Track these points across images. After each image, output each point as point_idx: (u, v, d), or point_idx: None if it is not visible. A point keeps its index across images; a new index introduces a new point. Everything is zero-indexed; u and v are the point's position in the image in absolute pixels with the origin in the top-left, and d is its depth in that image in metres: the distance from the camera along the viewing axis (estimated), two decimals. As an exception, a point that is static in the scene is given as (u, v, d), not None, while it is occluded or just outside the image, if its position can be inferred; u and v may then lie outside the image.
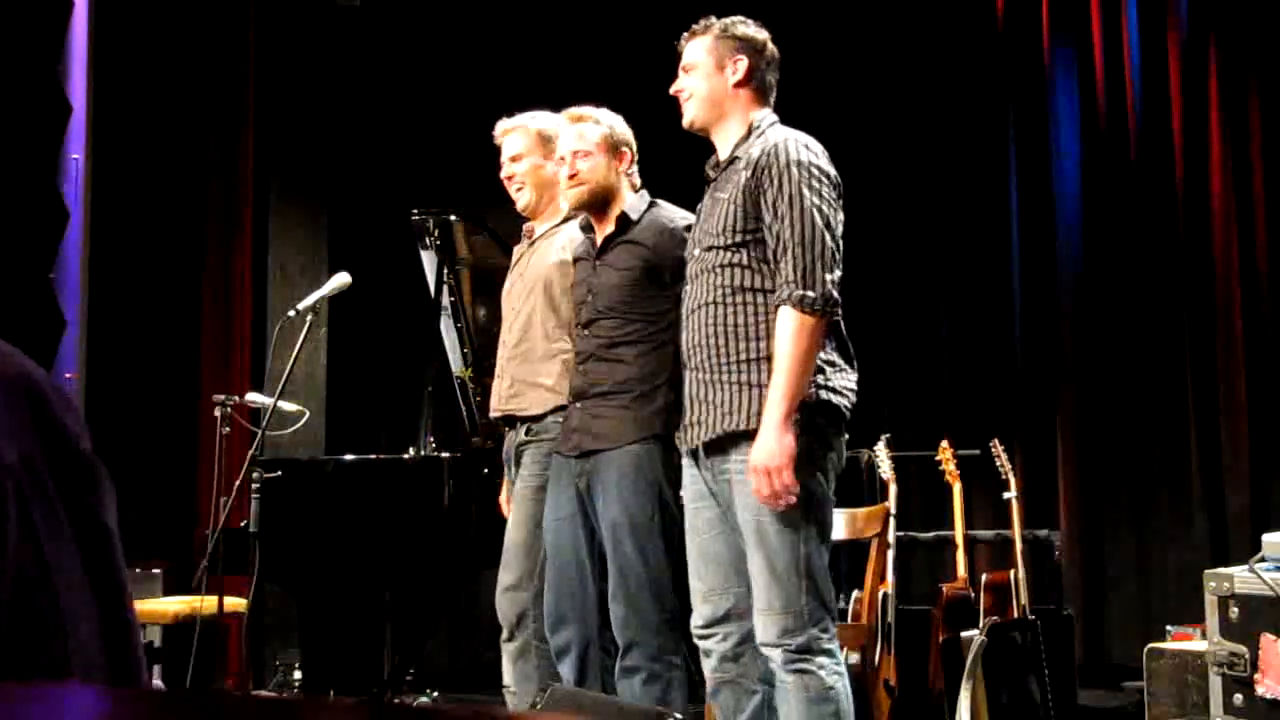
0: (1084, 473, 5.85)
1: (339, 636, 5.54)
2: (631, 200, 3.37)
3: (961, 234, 6.21)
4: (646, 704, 3.13)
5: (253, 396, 4.49)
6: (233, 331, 6.13)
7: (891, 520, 4.33)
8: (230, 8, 6.22)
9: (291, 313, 3.97)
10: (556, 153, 3.54)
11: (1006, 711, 4.09)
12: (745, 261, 2.80)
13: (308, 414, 4.56)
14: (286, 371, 3.91)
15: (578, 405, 3.31)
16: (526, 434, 3.51)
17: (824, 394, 2.75)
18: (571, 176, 3.38)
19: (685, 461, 2.97)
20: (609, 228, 3.36)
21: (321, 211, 6.61)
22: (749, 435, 2.73)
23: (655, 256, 3.26)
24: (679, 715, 3.11)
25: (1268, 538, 3.45)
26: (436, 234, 5.11)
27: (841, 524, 4.34)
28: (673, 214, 3.35)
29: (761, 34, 2.97)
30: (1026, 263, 6.11)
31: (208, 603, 4.21)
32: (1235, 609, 3.40)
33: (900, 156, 6.26)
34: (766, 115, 2.93)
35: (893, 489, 4.43)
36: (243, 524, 4.06)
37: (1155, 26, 5.85)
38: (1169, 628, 4.45)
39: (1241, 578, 3.41)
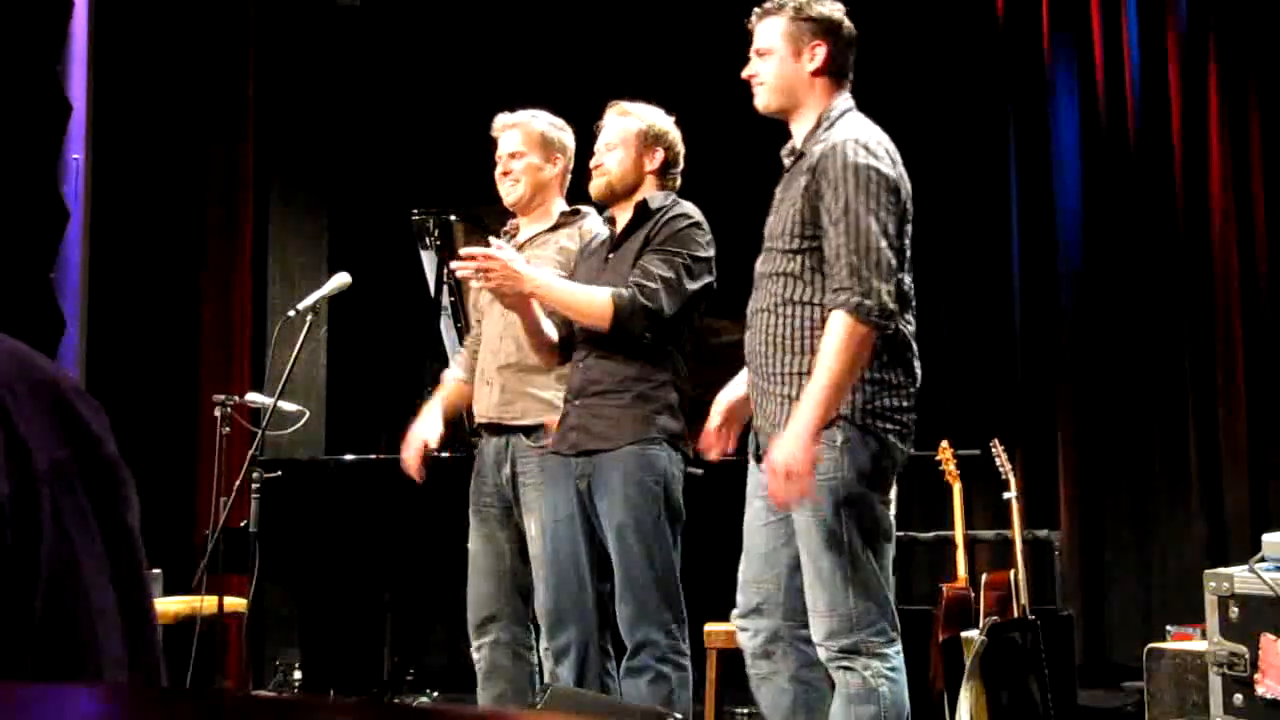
0: (1084, 473, 5.85)
1: (339, 636, 5.54)
2: (654, 194, 3.34)
3: (961, 234, 6.21)
4: (650, 703, 3.12)
5: (253, 396, 4.49)
6: (233, 331, 6.13)
7: (891, 520, 4.32)
8: (230, 8, 6.22)
9: (291, 313, 3.97)
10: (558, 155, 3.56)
11: (1006, 711, 4.08)
12: (798, 271, 2.73)
13: (308, 414, 4.56)
14: (286, 371, 3.91)
15: (576, 403, 3.26)
16: (531, 440, 3.48)
17: (867, 419, 2.70)
18: (596, 167, 3.37)
19: (751, 455, 2.91)
20: (627, 216, 3.34)
21: (321, 211, 6.61)
22: None
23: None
24: (679, 715, 3.12)
25: (1268, 538, 3.45)
26: (436, 234, 5.11)
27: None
28: (690, 211, 3.31)
29: (838, 12, 2.84)
30: (1026, 263, 6.11)
31: (208, 603, 4.20)
32: (1235, 609, 3.40)
33: (900, 156, 6.26)
34: (839, 104, 2.83)
35: (893, 489, 4.42)
36: (243, 524, 4.06)
37: (1155, 26, 5.85)
38: (1169, 628, 4.45)
39: (1241, 578, 3.41)
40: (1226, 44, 5.68)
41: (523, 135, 3.59)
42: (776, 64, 2.81)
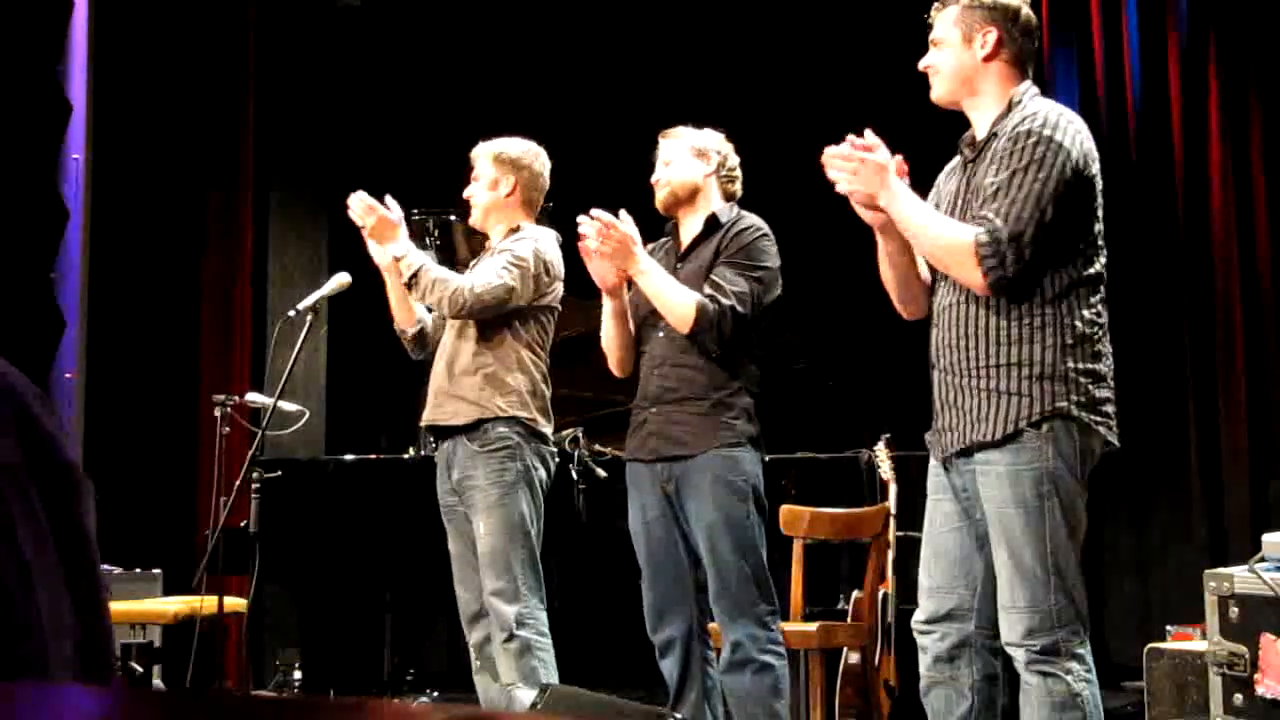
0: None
1: (339, 636, 5.54)
2: (722, 206, 3.46)
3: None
4: (758, 695, 3.22)
5: (253, 396, 4.49)
6: (233, 331, 6.13)
7: (891, 520, 4.33)
8: (230, 8, 6.22)
9: (291, 313, 3.98)
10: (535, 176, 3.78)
11: (1007, 711, 4.08)
12: None
13: (308, 414, 4.56)
14: (286, 371, 3.91)
15: (652, 410, 3.37)
16: (479, 446, 3.59)
17: (1076, 410, 2.65)
18: (656, 182, 3.49)
19: (932, 457, 2.86)
20: (696, 229, 3.45)
21: (321, 211, 6.61)
22: (997, 444, 2.63)
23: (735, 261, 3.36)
24: (679, 715, 3.13)
25: (1268, 538, 3.45)
26: (436, 234, 5.11)
27: (841, 524, 4.34)
28: (757, 222, 3.43)
29: (1014, 1, 2.80)
30: (1026, 263, 6.10)
31: (208, 603, 4.20)
32: (1235, 609, 3.40)
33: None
34: (1027, 88, 2.79)
35: (893, 489, 4.43)
36: (243, 524, 4.06)
37: (1155, 26, 5.84)
38: (1169, 628, 4.45)
39: (1241, 578, 3.41)
40: (1226, 44, 5.67)
41: (482, 160, 3.82)
42: (948, 52, 2.83)
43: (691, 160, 3.45)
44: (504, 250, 3.68)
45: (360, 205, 3.71)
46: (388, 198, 3.73)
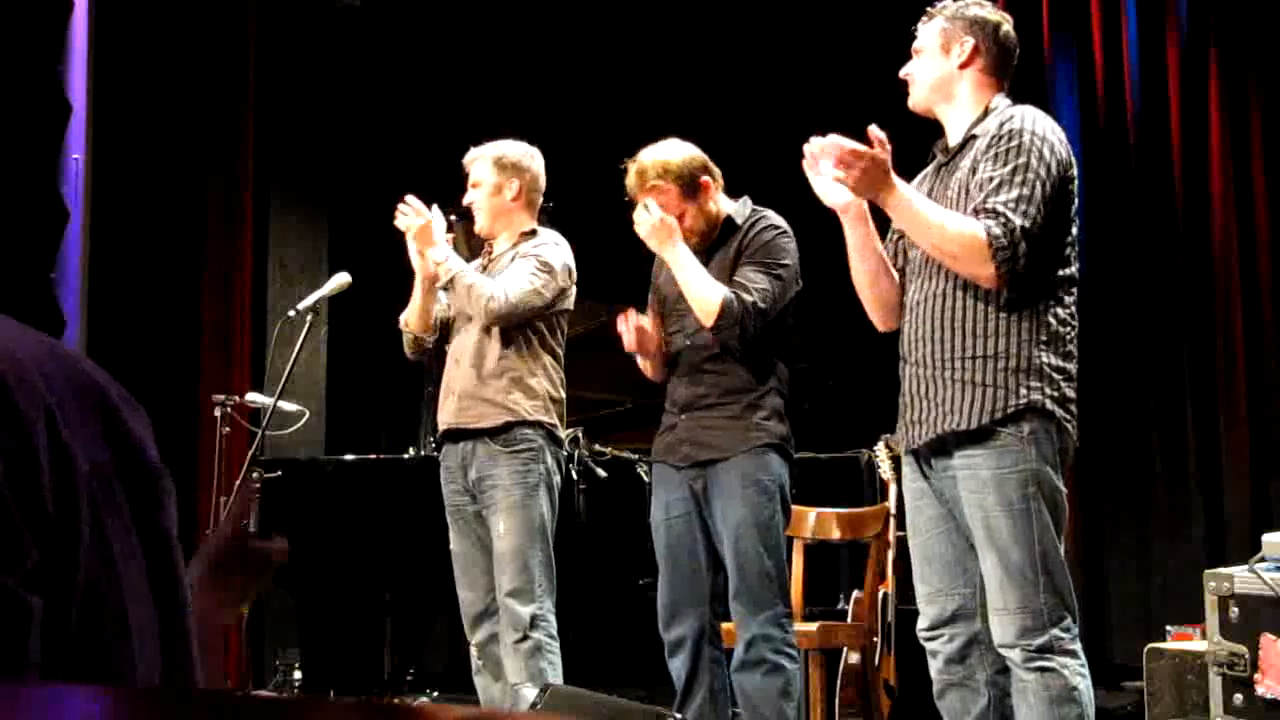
0: (1084, 473, 5.84)
1: (339, 636, 5.54)
2: (734, 206, 3.45)
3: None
4: (769, 695, 3.22)
5: (253, 396, 4.49)
6: (233, 331, 6.13)
7: (891, 520, 4.33)
8: (230, 8, 6.21)
9: (291, 313, 3.98)
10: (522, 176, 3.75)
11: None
12: None
13: (308, 414, 4.56)
14: (286, 371, 3.91)
15: (683, 416, 3.38)
16: (502, 446, 3.59)
17: (1054, 407, 2.66)
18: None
19: (904, 460, 2.87)
20: (712, 234, 3.45)
21: (321, 211, 6.61)
22: (972, 435, 2.65)
23: (759, 260, 3.36)
24: (679, 715, 3.13)
25: (1268, 538, 3.45)
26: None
27: (841, 524, 4.34)
28: (776, 220, 3.43)
29: (995, 16, 2.85)
30: (1026, 263, 6.09)
31: (208, 603, 4.20)
32: (1235, 609, 3.40)
33: (899, 157, 6.25)
34: (1003, 98, 2.83)
35: (893, 489, 4.43)
36: (243, 524, 4.06)
37: (1155, 26, 5.84)
38: (1169, 628, 4.45)
39: (1241, 578, 3.41)
40: (1226, 44, 5.67)
41: (481, 164, 3.80)
42: (926, 61, 2.86)
43: (685, 204, 3.40)
44: (530, 256, 3.66)
45: (410, 210, 3.69)
46: (434, 207, 3.74)
